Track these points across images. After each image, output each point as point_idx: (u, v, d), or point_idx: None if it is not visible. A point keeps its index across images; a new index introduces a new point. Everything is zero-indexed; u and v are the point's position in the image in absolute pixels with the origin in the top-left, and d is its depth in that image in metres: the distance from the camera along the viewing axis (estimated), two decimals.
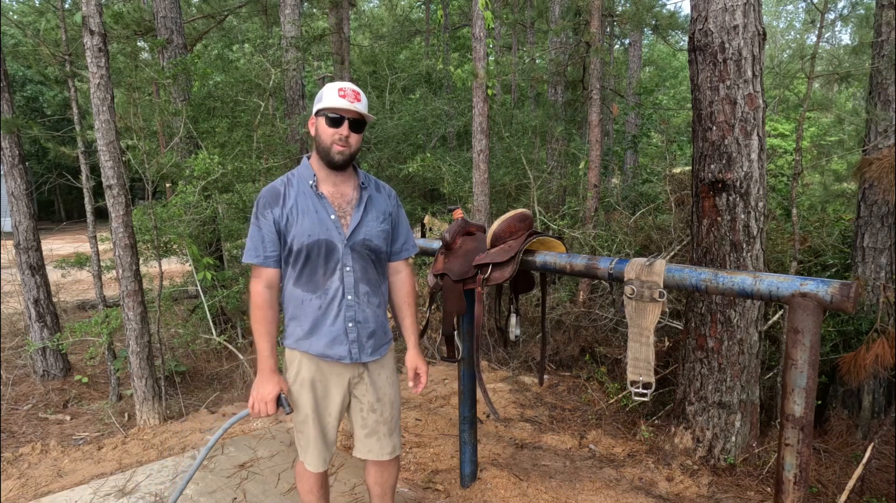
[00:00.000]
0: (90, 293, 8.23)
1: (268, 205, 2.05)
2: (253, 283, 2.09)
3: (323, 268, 2.07)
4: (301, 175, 2.11)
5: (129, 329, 4.25)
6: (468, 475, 3.18)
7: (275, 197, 2.06)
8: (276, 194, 2.06)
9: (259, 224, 2.06)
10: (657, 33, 11.89)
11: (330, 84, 2.08)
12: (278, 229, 2.05)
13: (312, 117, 2.11)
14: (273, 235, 2.06)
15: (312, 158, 2.15)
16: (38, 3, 9.81)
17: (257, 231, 2.07)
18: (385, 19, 16.66)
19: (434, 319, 3.54)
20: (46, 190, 14.58)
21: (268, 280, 2.08)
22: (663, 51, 21.65)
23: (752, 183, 3.42)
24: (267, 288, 2.08)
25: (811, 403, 1.76)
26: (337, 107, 2.02)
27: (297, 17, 6.96)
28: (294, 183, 2.10)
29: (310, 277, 2.08)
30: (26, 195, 5.44)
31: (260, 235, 2.06)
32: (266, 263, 2.07)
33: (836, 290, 1.70)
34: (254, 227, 2.07)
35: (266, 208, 2.05)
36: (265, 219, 2.05)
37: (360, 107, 2.05)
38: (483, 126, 5.71)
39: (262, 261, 2.07)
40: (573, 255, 2.31)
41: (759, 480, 3.48)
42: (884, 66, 4.56)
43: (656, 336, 2.12)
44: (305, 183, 2.09)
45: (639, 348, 2.09)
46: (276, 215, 2.04)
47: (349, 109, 2.02)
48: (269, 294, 2.08)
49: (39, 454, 3.85)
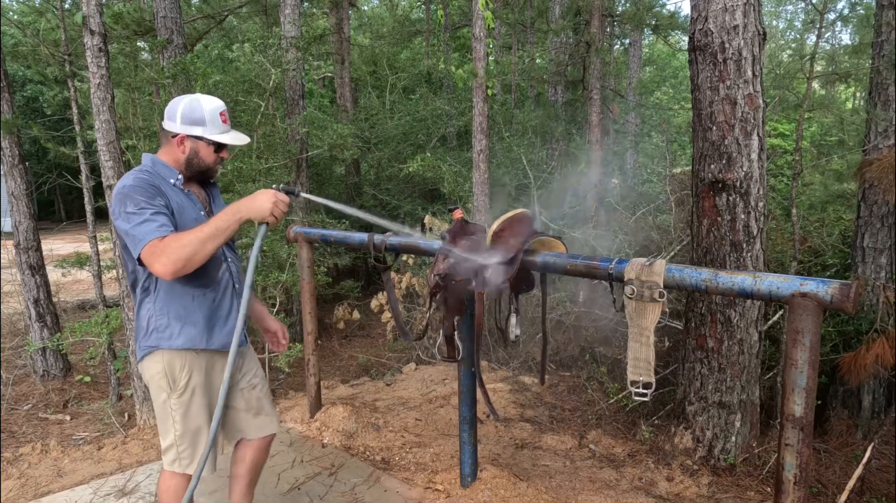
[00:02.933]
0: (90, 293, 8.23)
1: (153, 195, 1.97)
2: (156, 259, 1.86)
3: (213, 261, 2.07)
4: (160, 174, 2.09)
5: (130, 329, 4.25)
6: (468, 475, 3.18)
7: (155, 188, 1.99)
8: (153, 186, 1.99)
9: (151, 207, 1.93)
10: (657, 33, 11.90)
11: (202, 103, 2.08)
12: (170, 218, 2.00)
13: (185, 136, 2.08)
14: (170, 217, 1.99)
15: (166, 158, 2.12)
16: (38, 3, 9.81)
17: (153, 211, 1.92)
18: (385, 19, 16.64)
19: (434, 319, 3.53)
20: (46, 190, 14.57)
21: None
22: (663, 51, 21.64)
23: (752, 183, 3.42)
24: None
25: (811, 403, 1.76)
26: (228, 143, 2.13)
27: (297, 17, 6.96)
28: (156, 180, 2.05)
29: (203, 272, 2.04)
30: (26, 195, 5.44)
31: (161, 215, 1.93)
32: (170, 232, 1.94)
33: (836, 290, 1.70)
34: (142, 212, 1.91)
35: (153, 198, 1.96)
36: (156, 205, 1.95)
37: (243, 136, 2.18)
38: (483, 126, 5.71)
39: (169, 232, 1.92)
40: (573, 255, 2.31)
41: (759, 480, 3.48)
42: (884, 66, 4.56)
43: (656, 336, 2.12)
44: (167, 181, 2.08)
45: (639, 348, 2.08)
46: (165, 203, 2.00)
47: (240, 144, 2.17)
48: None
49: (39, 454, 3.85)
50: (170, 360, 2.09)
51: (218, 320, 2.15)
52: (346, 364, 6.42)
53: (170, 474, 2.21)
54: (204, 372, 2.14)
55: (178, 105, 2.09)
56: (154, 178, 2.05)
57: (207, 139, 2.10)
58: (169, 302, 2.07)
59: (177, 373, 2.10)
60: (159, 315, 2.07)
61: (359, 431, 3.88)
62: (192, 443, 2.16)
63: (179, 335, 2.08)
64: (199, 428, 2.15)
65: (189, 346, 2.09)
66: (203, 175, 2.19)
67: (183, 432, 2.14)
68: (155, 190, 1.99)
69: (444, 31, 13.25)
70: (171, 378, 2.10)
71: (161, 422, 2.17)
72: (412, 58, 14.24)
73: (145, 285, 2.08)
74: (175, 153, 2.12)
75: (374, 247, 2.95)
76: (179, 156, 2.12)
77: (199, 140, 2.10)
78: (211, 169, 2.17)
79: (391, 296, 3.14)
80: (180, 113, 2.08)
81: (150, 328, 2.08)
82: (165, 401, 2.12)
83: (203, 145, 2.11)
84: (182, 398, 2.12)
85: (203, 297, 2.11)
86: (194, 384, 2.12)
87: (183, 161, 2.12)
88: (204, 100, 2.11)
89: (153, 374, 2.11)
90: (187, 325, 2.08)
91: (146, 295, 2.08)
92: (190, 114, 2.08)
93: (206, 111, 2.08)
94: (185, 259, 1.86)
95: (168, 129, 2.11)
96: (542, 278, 2.66)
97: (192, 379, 2.11)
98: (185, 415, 2.13)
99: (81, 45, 4.28)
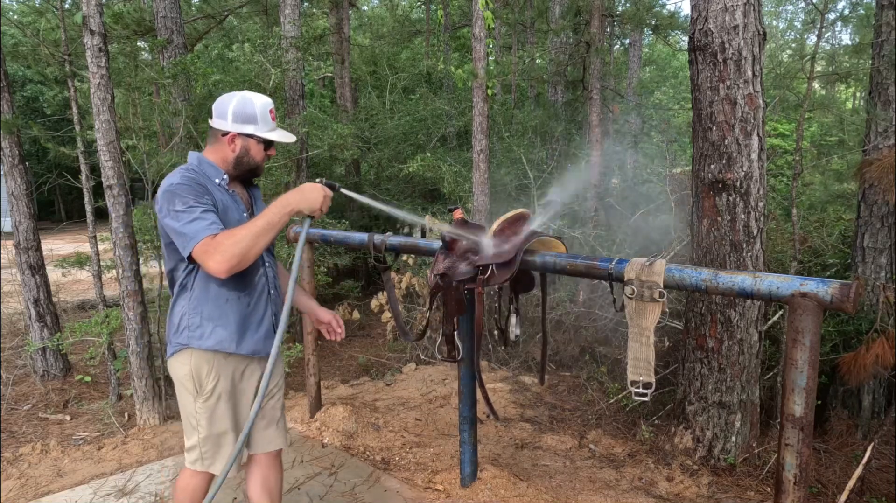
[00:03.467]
0: (90, 293, 8.23)
1: (201, 193, 1.95)
2: (210, 257, 1.84)
3: (251, 265, 2.00)
4: (206, 173, 2.06)
5: (129, 329, 4.25)
6: (468, 475, 3.18)
7: (202, 187, 1.98)
8: (200, 185, 1.98)
9: (200, 205, 1.91)
10: (657, 33, 11.89)
11: (253, 101, 2.06)
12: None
13: (237, 135, 2.06)
14: (219, 216, 1.97)
15: (213, 157, 2.10)
16: (38, 3, 9.81)
17: (203, 209, 1.91)
18: (385, 19, 16.64)
19: (434, 319, 3.53)
20: (46, 190, 14.57)
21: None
22: (663, 51, 21.64)
23: (752, 183, 3.42)
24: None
25: (811, 403, 1.76)
26: (278, 140, 2.13)
27: (297, 17, 6.96)
28: (202, 179, 2.03)
29: (241, 275, 2.02)
30: (26, 195, 5.43)
31: (210, 212, 1.92)
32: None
33: (836, 290, 1.70)
34: (191, 210, 1.89)
35: (201, 196, 1.95)
36: (205, 203, 1.94)
37: (289, 134, 2.17)
38: (483, 126, 5.71)
39: (220, 229, 1.90)
40: (573, 255, 2.31)
41: (759, 480, 3.48)
42: (884, 66, 4.56)
43: (656, 336, 2.12)
44: (212, 180, 2.06)
45: (639, 348, 2.08)
46: (213, 202, 1.98)
47: (288, 142, 2.16)
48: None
49: (39, 454, 3.85)
50: (197, 363, 2.05)
51: (250, 325, 2.11)
52: (346, 364, 6.42)
53: (190, 472, 2.19)
54: (231, 377, 2.11)
55: (228, 103, 2.06)
56: (200, 176, 2.02)
57: (259, 137, 2.08)
58: (203, 301, 2.04)
59: (203, 377, 2.06)
60: (192, 313, 2.04)
61: (359, 431, 3.88)
62: (215, 445, 2.13)
63: (210, 336, 2.04)
64: (224, 432, 2.12)
65: (218, 348, 2.05)
66: (250, 174, 2.17)
67: (207, 435, 2.11)
68: (202, 188, 1.97)
69: (444, 31, 13.25)
70: (198, 382, 2.07)
71: (185, 421, 2.15)
72: (412, 58, 14.24)
73: (183, 282, 2.05)
74: (224, 151, 2.09)
75: (374, 247, 2.96)
76: (229, 154, 2.09)
77: (250, 138, 2.08)
78: (259, 167, 2.16)
79: (391, 296, 3.15)
80: (232, 111, 2.05)
81: (181, 326, 2.05)
82: (191, 404, 2.10)
83: (254, 143, 2.10)
84: (207, 403, 2.08)
85: (237, 301, 2.07)
86: (220, 390, 2.08)
87: (232, 160, 2.10)
88: (254, 97, 2.08)
89: (181, 376, 2.09)
90: (219, 327, 2.05)
91: (182, 292, 2.06)
92: (242, 111, 2.05)
93: (257, 108, 2.06)
94: (239, 255, 1.85)
95: (218, 128, 2.08)
96: (542, 278, 2.66)
97: (218, 384, 2.08)
98: (209, 419, 2.09)
99: (81, 45, 4.28)
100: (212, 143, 2.12)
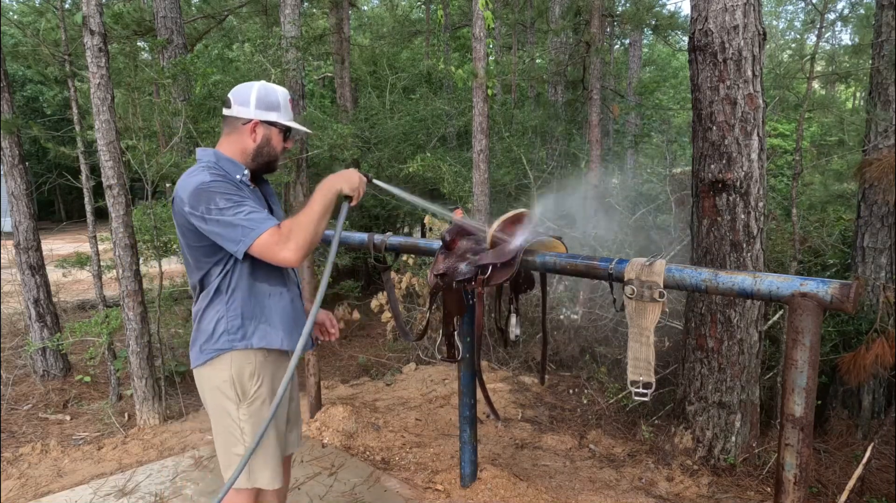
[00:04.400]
0: (90, 293, 8.23)
1: (238, 187, 1.90)
2: (282, 247, 1.78)
3: None
4: (226, 169, 1.95)
5: (129, 329, 4.25)
6: (468, 475, 3.18)
7: (234, 184, 1.90)
8: (231, 181, 1.90)
9: (244, 199, 1.85)
10: (657, 33, 11.89)
11: (275, 89, 2.01)
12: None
13: (259, 122, 1.98)
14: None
15: (229, 151, 1.99)
16: (38, 3, 9.81)
17: (251, 202, 1.85)
18: (385, 19, 16.64)
19: (434, 319, 3.54)
20: (46, 190, 14.55)
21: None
22: (663, 51, 21.65)
23: (752, 183, 3.42)
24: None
25: (811, 403, 1.76)
26: (299, 129, 2.08)
27: (297, 17, 6.96)
28: (228, 176, 1.94)
29: (280, 269, 1.97)
30: (26, 195, 5.43)
31: (256, 206, 1.86)
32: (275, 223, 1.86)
33: (836, 290, 1.69)
34: (240, 205, 1.82)
35: (240, 190, 1.89)
36: (246, 196, 1.87)
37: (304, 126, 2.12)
38: (483, 126, 5.71)
39: (276, 221, 1.84)
40: (573, 255, 2.31)
41: (759, 480, 3.48)
42: (884, 66, 4.56)
43: (656, 336, 2.12)
44: (234, 177, 1.94)
45: (639, 348, 2.08)
46: (248, 196, 1.91)
47: (307, 131, 2.14)
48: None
49: (39, 454, 3.85)
50: (240, 365, 1.94)
51: (295, 319, 2.04)
52: (346, 364, 6.42)
53: (234, 492, 2.01)
54: (272, 378, 2.00)
55: (250, 90, 1.97)
56: (221, 174, 1.92)
57: (282, 125, 2.01)
58: (245, 301, 1.94)
59: (246, 380, 1.95)
60: (232, 316, 1.93)
61: (359, 431, 3.88)
62: (263, 454, 1.99)
63: (254, 334, 1.95)
64: (267, 437, 1.99)
65: (265, 346, 1.96)
66: (267, 167, 2.07)
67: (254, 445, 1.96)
68: (235, 185, 1.90)
69: (444, 31, 13.25)
70: (241, 387, 1.95)
71: (226, 434, 1.99)
72: (412, 58, 14.23)
73: (218, 287, 1.93)
74: (244, 142, 1.99)
75: (374, 247, 2.95)
76: (249, 144, 1.99)
77: (272, 126, 2.00)
78: (276, 160, 2.07)
79: (391, 296, 3.14)
80: (255, 97, 1.96)
81: (218, 331, 1.93)
82: (234, 412, 1.96)
83: (275, 132, 2.01)
84: (252, 408, 1.96)
85: (280, 297, 2.00)
86: (265, 393, 1.98)
87: (252, 150, 2.00)
88: (275, 86, 2.02)
89: (218, 383, 1.95)
90: (263, 324, 1.96)
91: (217, 296, 1.93)
92: (265, 98, 1.97)
93: (280, 96, 2.00)
94: (310, 241, 1.80)
95: (239, 116, 1.97)
96: (541, 278, 2.66)
97: (262, 386, 1.97)
98: (256, 426, 1.95)
99: (81, 45, 4.28)
100: (228, 134, 2.00)
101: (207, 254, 1.90)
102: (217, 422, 2.01)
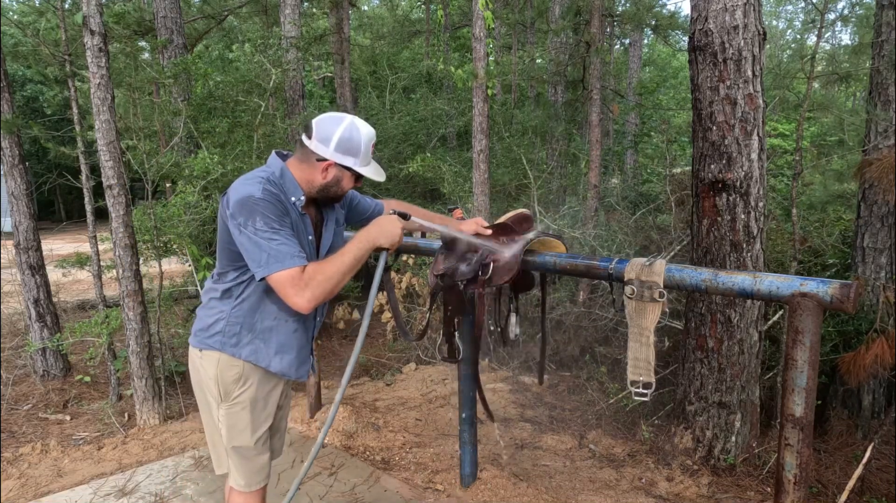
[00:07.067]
0: (90, 293, 8.22)
1: (283, 214, 1.87)
2: (298, 291, 1.77)
3: None
4: (285, 188, 1.93)
5: (129, 329, 4.25)
6: (468, 475, 3.18)
7: (282, 206, 1.88)
8: (281, 203, 1.88)
9: (283, 228, 1.83)
10: (657, 33, 11.88)
11: (360, 131, 1.94)
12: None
13: (335, 164, 1.93)
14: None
15: (297, 175, 1.96)
16: (38, 3, 9.81)
17: (288, 233, 1.83)
18: (385, 19, 16.63)
19: (434, 320, 3.54)
20: (46, 190, 14.55)
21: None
22: (663, 51, 21.65)
23: (752, 183, 3.42)
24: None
25: (811, 403, 1.76)
26: (371, 177, 2.00)
27: (298, 17, 6.96)
28: (282, 196, 1.92)
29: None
30: (26, 195, 5.43)
31: (293, 238, 1.84)
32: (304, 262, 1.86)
33: (836, 290, 1.69)
34: (276, 233, 1.80)
35: (283, 217, 1.86)
36: (287, 225, 1.86)
37: (382, 171, 2.06)
38: (483, 126, 5.71)
39: (304, 261, 1.83)
40: (573, 255, 2.31)
41: (759, 480, 3.48)
42: (884, 66, 4.56)
43: (656, 336, 2.12)
44: (289, 198, 1.92)
45: (639, 348, 2.08)
46: (290, 223, 1.89)
47: (379, 180, 2.04)
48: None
49: (39, 454, 3.85)
50: (225, 368, 1.98)
51: (289, 348, 2.04)
52: (346, 364, 6.42)
53: (241, 495, 2.11)
54: (256, 386, 2.02)
55: (334, 129, 1.91)
56: (280, 192, 1.89)
57: (356, 171, 1.97)
58: (249, 314, 1.96)
59: (230, 383, 1.99)
60: (232, 322, 1.96)
61: (359, 431, 3.88)
62: (256, 458, 2.08)
63: (246, 346, 1.97)
64: (264, 440, 2.09)
65: (252, 361, 1.98)
66: (330, 202, 2.07)
67: (252, 446, 2.06)
68: (283, 208, 1.86)
69: (444, 32, 13.26)
70: (224, 388, 1.99)
71: (208, 425, 2.09)
72: (412, 58, 14.24)
73: (229, 289, 1.96)
74: (314, 175, 1.95)
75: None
76: (318, 179, 1.95)
77: (346, 170, 1.96)
78: (341, 197, 2.06)
79: (391, 296, 3.13)
80: (337, 139, 1.90)
81: (215, 329, 1.97)
82: (214, 410, 2.03)
83: (348, 175, 1.98)
84: (231, 410, 2.01)
85: (285, 323, 2.00)
86: (246, 399, 2.01)
87: (318, 185, 1.96)
88: (362, 126, 1.95)
89: (204, 377, 2.01)
90: (257, 340, 1.98)
91: (227, 296, 1.96)
92: (347, 141, 1.91)
93: (363, 141, 1.94)
94: (328, 293, 1.80)
95: (316, 152, 1.92)
96: (541, 278, 2.66)
97: (245, 393, 2.00)
98: (232, 428, 2.02)
99: (81, 45, 4.28)
100: (301, 160, 1.95)
101: (232, 259, 1.93)
102: (202, 411, 2.11)
